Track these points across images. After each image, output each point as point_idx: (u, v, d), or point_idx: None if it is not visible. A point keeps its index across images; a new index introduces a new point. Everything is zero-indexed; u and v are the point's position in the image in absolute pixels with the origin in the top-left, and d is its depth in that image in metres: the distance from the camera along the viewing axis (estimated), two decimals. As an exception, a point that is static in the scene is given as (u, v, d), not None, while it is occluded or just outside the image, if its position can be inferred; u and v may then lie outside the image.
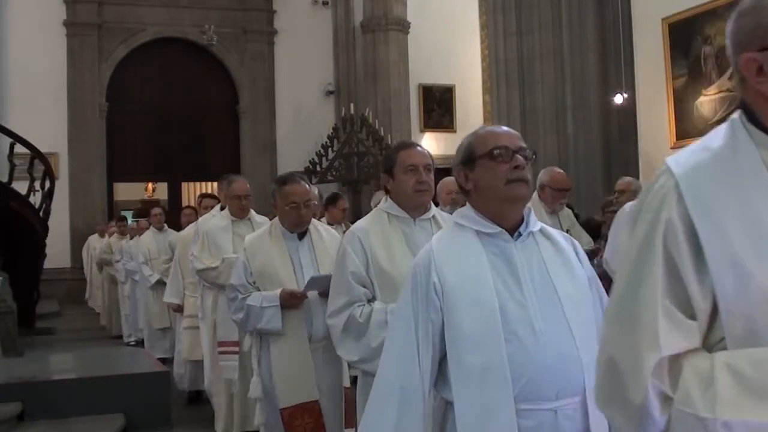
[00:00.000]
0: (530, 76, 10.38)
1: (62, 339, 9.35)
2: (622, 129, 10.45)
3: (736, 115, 1.43)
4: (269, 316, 3.73)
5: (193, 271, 5.72)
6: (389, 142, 14.80)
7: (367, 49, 16.51)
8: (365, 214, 4.59)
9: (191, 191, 18.84)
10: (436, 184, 3.70)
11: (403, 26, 16.55)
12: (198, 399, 6.81)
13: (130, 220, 13.10)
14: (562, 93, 10.20)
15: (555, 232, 2.25)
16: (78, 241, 15.31)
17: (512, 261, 2.09)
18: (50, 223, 9.77)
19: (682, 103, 9.94)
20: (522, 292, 2.05)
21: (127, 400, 5.35)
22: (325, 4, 17.23)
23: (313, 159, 15.20)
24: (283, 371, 3.74)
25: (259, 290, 3.84)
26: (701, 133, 10.66)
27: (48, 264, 10.40)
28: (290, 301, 3.74)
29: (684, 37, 9.86)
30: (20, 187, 9.07)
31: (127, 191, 19.52)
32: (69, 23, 16.04)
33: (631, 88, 10.35)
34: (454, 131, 17.18)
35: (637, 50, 10.43)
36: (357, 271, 2.99)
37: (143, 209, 17.06)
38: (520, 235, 2.14)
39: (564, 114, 10.21)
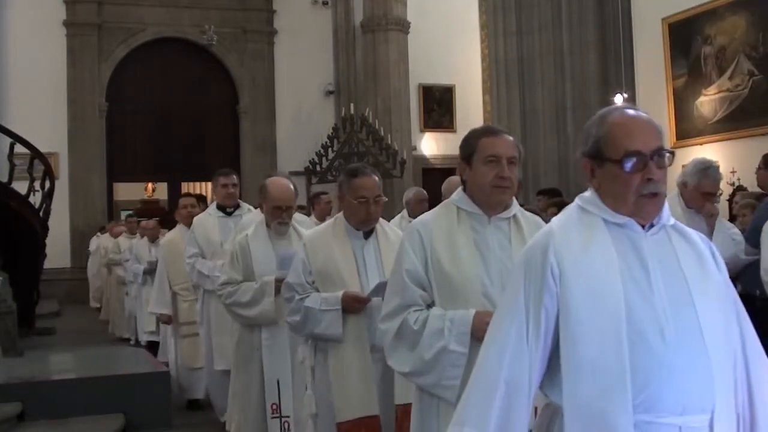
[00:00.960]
0: (530, 76, 10.37)
1: (62, 339, 9.34)
2: (622, 129, 10.44)
3: None
4: (329, 321, 3.37)
5: (193, 271, 5.52)
6: (389, 142, 14.82)
7: (367, 49, 16.52)
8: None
9: (191, 191, 18.82)
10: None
11: (403, 26, 16.55)
12: (197, 404, 6.69)
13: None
14: (562, 93, 10.19)
15: (691, 231, 1.96)
16: (78, 241, 15.33)
17: (642, 254, 1.82)
18: (50, 223, 9.76)
19: (682, 103, 9.95)
20: (651, 289, 1.79)
21: (127, 400, 5.33)
22: (325, 4, 17.24)
23: (313, 159, 15.21)
24: (342, 382, 3.35)
25: (318, 291, 3.47)
26: (701, 133, 10.75)
27: (48, 264, 10.38)
28: (353, 306, 3.36)
29: (684, 37, 9.87)
30: (20, 187, 9.06)
31: (127, 191, 19.52)
32: (69, 23, 16.05)
33: (631, 88, 10.36)
34: (454, 131, 17.18)
35: (637, 50, 10.44)
36: (413, 269, 2.63)
37: (143, 209, 17.08)
38: (652, 226, 1.86)
39: (564, 114, 10.20)
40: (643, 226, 1.85)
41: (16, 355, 6.59)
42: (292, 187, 4.36)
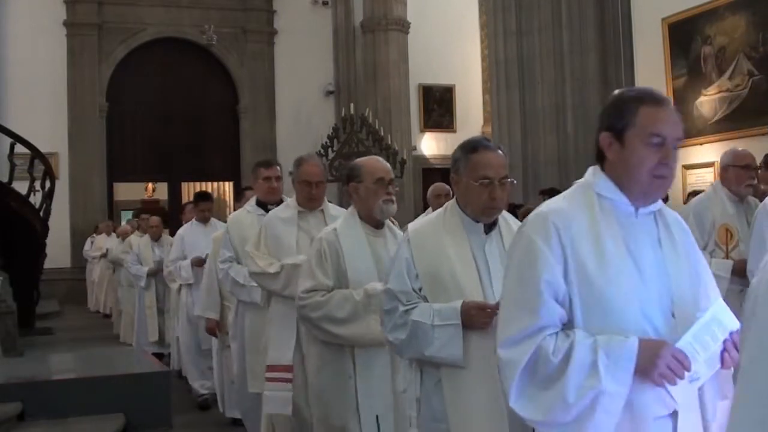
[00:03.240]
0: (530, 76, 10.36)
1: (62, 339, 9.34)
2: (622, 129, 10.46)
3: None
4: (445, 340, 2.59)
5: (226, 279, 4.81)
6: (389, 142, 14.83)
7: (367, 49, 16.53)
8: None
9: (191, 191, 18.84)
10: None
11: (403, 26, 16.56)
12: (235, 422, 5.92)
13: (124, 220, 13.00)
14: (562, 93, 10.18)
15: None
16: (78, 241, 15.32)
17: None
18: (50, 223, 9.76)
19: (682, 103, 9.94)
20: None
21: (127, 400, 5.33)
22: (325, 4, 17.25)
23: (313, 159, 15.19)
24: (464, 420, 2.58)
25: (427, 301, 2.70)
26: (701, 132, 10.77)
27: (48, 264, 10.38)
28: (477, 319, 2.57)
29: (684, 37, 9.86)
30: (20, 187, 9.06)
31: (127, 191, 19.53)
32: (69, 23, 16.05)
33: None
34: (454, 131, 17.20)
35: (637, 50, 10.43)
36: (553, 280, 1.94)
37: (143, 209, 17.09)
38: None
39: (564, 114, 10.20)
40: None
41: (17, 355, 6.59)
42: None
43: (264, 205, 4.91)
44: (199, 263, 6.73)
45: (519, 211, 6.49)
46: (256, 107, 17.07)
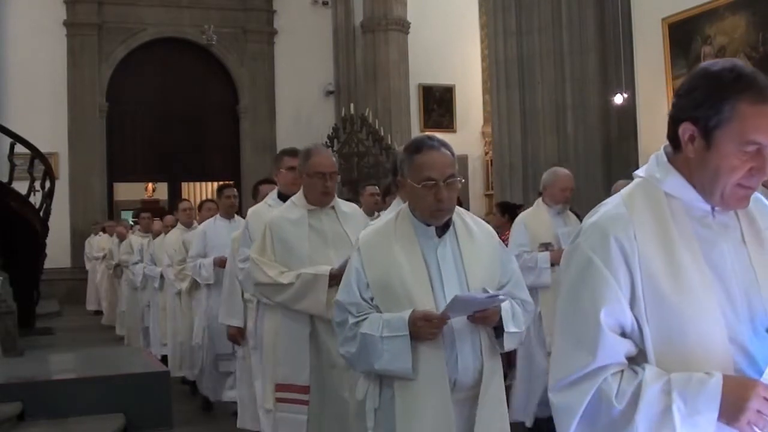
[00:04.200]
0: (530, 76, 10.36)
1: (62, 339, 9.35)
2: (622, 129, 10.45)
3: None
4: (394, 352, 2.49)
5: (248, 280, 4.18)
6: (389, 142, 14.82)
7: (367, 49, 16.53)
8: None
9: (191, 191, 18.86)
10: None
11: (403, 26, 16.57)
12: None
13: (129, 221, 13.01)
14: (562, 93, 10.18)
15: None
16: (78, 241, 15.32)
17: None
18: (50, 223, 9.77)
19: (682, 103, 9.94)
20: None
21: (127, 400, 5.34)
22: (325, 4, 17.25)
23: (313, 159, 15.17)
24: (412, 430, 2.53)
25: (380, 311, 2.59)
26: (701, 133, 10.71)
27: (48, 264, 10.39)
28: (424, 330, 2.48)
29: (684, 37, 9.86)
30: (20, 187, 9.08)
31: (127, 191, 19.53)
32: (69, 23, 16.05)
33: (631, 88, 10.35)
34: (454, 131, 17.20)
35: (637, 50, 10.43)
36: (617, 309, 1.58)
37: (143, 209, 17.09)
38: None
39: (564, 114, 10.19)
40: None
41: (17, 355, 6.60)
42: None
43: (287, 198, 4.24)
44: (222, 264, 6.20)
45: (519, 211, 6.47)
46: (256, 107, 17.08)
